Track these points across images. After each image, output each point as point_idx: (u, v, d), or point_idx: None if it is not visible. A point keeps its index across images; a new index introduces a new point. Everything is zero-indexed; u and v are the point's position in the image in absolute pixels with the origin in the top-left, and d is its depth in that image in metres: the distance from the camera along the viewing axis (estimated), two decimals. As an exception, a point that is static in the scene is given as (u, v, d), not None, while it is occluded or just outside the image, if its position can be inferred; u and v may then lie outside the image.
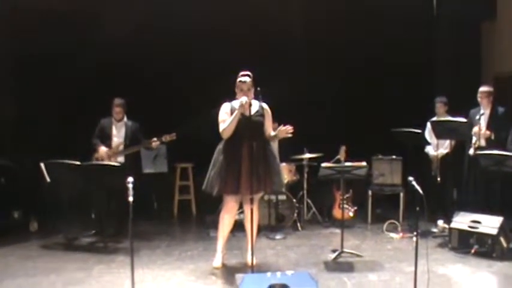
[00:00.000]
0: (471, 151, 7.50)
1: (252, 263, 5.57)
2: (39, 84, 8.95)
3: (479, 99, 7.60)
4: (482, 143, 7.49)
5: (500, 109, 7.59)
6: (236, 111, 5.93)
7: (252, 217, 5.72)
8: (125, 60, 9.09)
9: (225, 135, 6.00)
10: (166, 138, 7.62)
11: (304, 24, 9.49)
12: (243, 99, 5.88)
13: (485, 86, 7.73)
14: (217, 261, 6.27)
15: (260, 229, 7.86)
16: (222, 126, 6.01)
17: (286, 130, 5.97)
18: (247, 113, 5.84)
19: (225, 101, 6.17)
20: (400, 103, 9.31)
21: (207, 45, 9.30)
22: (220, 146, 6.15)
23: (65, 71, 8.91)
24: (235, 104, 6.03)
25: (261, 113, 6.10)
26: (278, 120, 8.78)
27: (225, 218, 6.21)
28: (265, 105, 6.17)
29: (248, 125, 5.88)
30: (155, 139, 7.60)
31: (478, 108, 7.63)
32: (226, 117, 6.03)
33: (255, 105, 6.02)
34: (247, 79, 6.05)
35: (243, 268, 6.10)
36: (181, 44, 9.32)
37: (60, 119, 8.97)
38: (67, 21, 8.86)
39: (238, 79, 6.07)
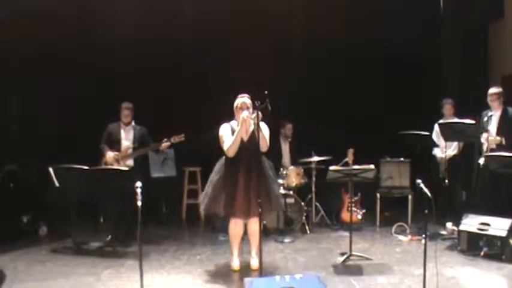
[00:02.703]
0: (481, 160, 7.26)
1: (261, 267, 5.56)
2: (46, 87, 8.98)
3: (489, 101, 7.46)
4: (493, 146, 7.41)
5: (511, 110, 7.50)
6: (238, 129, 5.94)
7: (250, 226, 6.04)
8: (132, 64, 9.13)
9: (231, 153, 5.99)
10: (175, 139, 7.61)
11: (305, 25, 9.49)
12: (244, 113, 5.90)
13: (494, 87, 7.58)
14: (236, 263, 6.31)
15: (269, 232, 7.87)
16: (225, 145, 6.01)
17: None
18: (244, 137, 5.95)
19: (224, 122, 6.19)
20: (407, 105, 9.29)
21: (209, 46, 9.34)
22: (218, 165, 6.21)
23: (73, 74, 8.97)
24: (234, 124, 6.09)
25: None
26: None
27: (233, 229, 6.26)
28: (261, 124, 5.96)
29: (245, 146, 5.97)
30: (165, 140, 7.60)
31: (488, 110, 7.54)
32: (227, 135, 6.04)
33: (252, 124, 5.99)
34: (247, 99, 6.07)
35: (252, 272, 6.11)
36: (185, 45, 9.36)
37: (68, 122, 8.98)
38: (69, 22, 8.90)
39: (237, 100, 6.10)
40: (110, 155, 7.65)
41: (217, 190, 6.08)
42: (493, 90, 7.50)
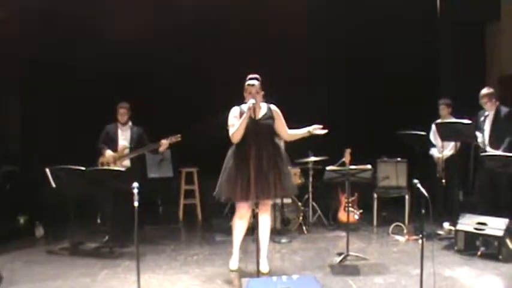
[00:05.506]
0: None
1: (258, 267, 5.55)
2: (44, 89, 8.99)
3: (482, 103, 7.47)
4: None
5: (504, 109, 7.49)
6: (244, 115, 5.84)
7: (261, 224, 5.82)
8: (132, 64, 9.14)
9: (235, 139, 5.91)
10: (172, 139, 7.55)
11: (305, 25, 9.47)
12: (251, 101, 5.82)
13: (485, 88, 7.56)
14: (234, 263, 6.27)
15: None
16: (231, 131, 5.93)
17: (319, 128, 6.06)
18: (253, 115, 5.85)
19: (233, 105, 6.11)
20: (405, 105, 9.29)
21: (209, 47, 9.33)
22: (230, 151, 6.08)
23: (70, 76, 8.97)
24: (244, 107, 5.98)
25: (269, 116, 6.01)
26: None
27: (238, 224, 6.15)
28: (273, 107, 6.07)
29: (256, 129, 5.87)
30: (163, 140, 7.52)
31: (485, 110, 7.55)
32: (235, 121, 5.94)
33: (264, 108, 6.01)
34: (256, 82, 5.97)
35: (249, 272, 6.09)
36: (182, 46, 9.36)
37: (65, 123, 8.98)
38: (69, 22, 8.89)
39: (247, 82, 5.99)
40: (109, 153, 7.65)
41: (232, 177, 5.92)
42: (483, 91, 7.50)
